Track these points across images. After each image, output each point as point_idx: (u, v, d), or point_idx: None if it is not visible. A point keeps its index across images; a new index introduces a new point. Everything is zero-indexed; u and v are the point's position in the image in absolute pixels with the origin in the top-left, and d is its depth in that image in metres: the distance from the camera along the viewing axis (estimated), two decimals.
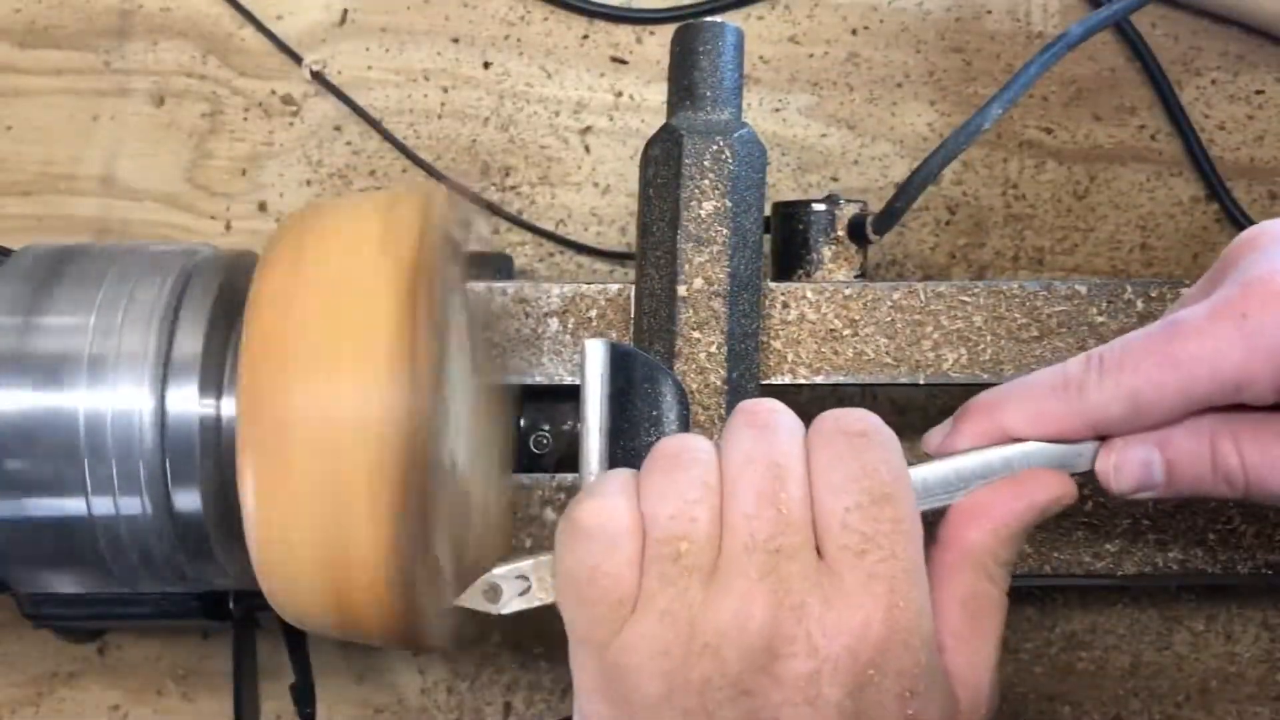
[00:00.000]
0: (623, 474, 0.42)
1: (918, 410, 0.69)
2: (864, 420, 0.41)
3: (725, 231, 0.54)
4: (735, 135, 0.54)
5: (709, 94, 0.55)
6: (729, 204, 0.54)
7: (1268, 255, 0.42)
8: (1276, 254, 0.42)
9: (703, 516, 0.39)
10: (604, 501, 0.40)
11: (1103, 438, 0.44)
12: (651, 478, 0.41)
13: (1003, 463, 0.44)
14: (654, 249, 0.54)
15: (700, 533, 0.39)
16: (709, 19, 0.56)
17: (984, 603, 0.42)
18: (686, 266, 0.54)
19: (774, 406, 0.42)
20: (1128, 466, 0.43)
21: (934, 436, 0.45)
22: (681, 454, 0.41)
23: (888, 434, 0.41)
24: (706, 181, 0.54)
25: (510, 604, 0.44)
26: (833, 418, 0.42)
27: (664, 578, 0.39)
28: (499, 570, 0.44)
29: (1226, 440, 0.42)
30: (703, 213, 0.54)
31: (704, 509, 0.40)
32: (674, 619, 0.39)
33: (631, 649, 0.39)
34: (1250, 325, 0.41)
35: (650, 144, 0.55)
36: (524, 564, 0.44)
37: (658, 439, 0.47)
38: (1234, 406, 0.42)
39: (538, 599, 0.44)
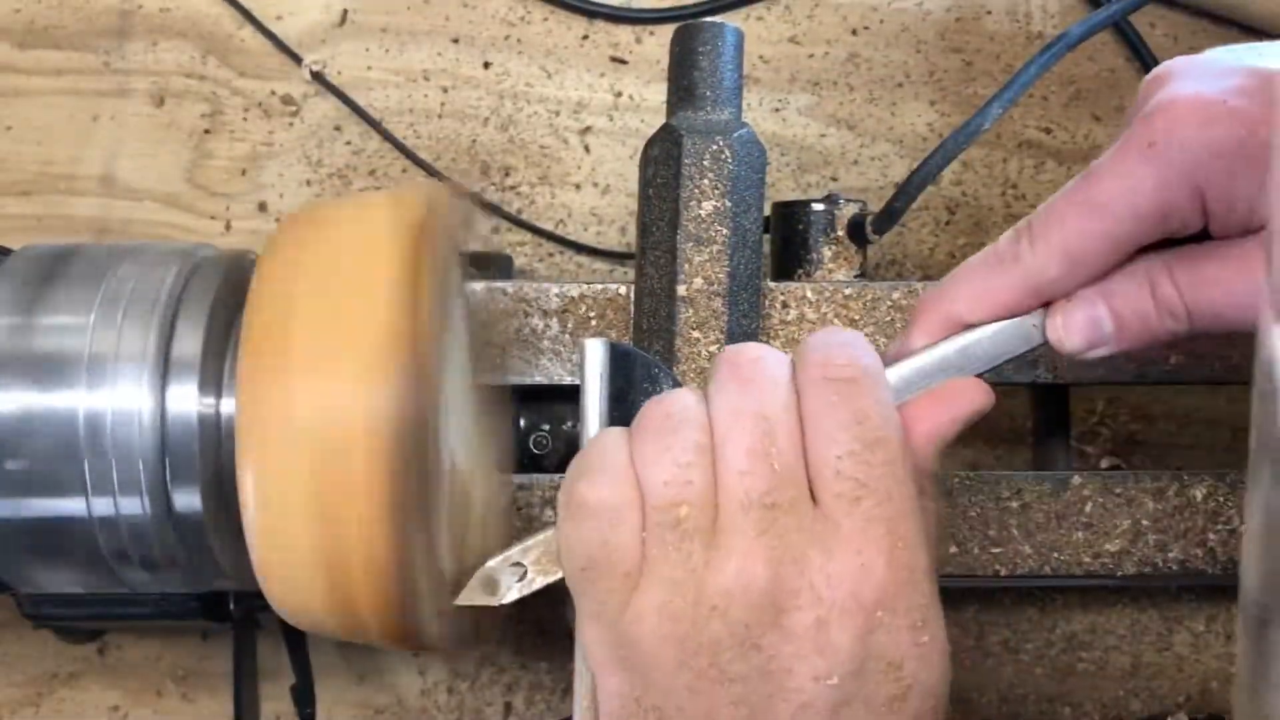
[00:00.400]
0: (614, 438, 0.42)
1: None
2: (853, 362, 0.41)
3: (725, 231, 0.54)
4: (735, 135, 0.54)
5: (709, 94, 0.55)
6: (729, 204, 0.54)
7: (1168, 87, 0.43)
8: (1176, 84, 0.43)
9: (697, 479, 0.40)
10: (602, 477, 0.40)
11: (1049, 305, 0.44)
12: (644, 443, 0.41)
13: (958, 353, 0.44)
14: (654, 249, 0.54)
15: (696, 495, 0.39)
16: (709, 19, 0.56)
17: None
18: (686, 266, 0.54)
19: (757, 355, 0.42)
20: (1075, 325, 0.43)
21: (891, 345, 0.46)
22: (670, 414, 0.41)
23: (875, 371, 0.41)
24: (706, 181, 0.54)
25: (510, 593, 0.44)
26: (819, 364, 0.41)
27: (666, 545, 0.39)
28: (493, 562, 0.44)
29: (1162, 274, 0.42)
30: (702, 212, 0.54)
31: (698, 471, 0.40)
32: (679, 585, 0.39)
33: (642, 619, 0.40)
34: (1157, 151, 0.41)
35: (650, 144, 0.55)
36: (514, 551, 0.44)
37: None
38: (1167, 243, 0.43)
39: (536, 583, 0.44)
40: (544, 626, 0.67)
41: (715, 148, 0.54)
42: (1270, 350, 0.30)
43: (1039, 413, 0.61)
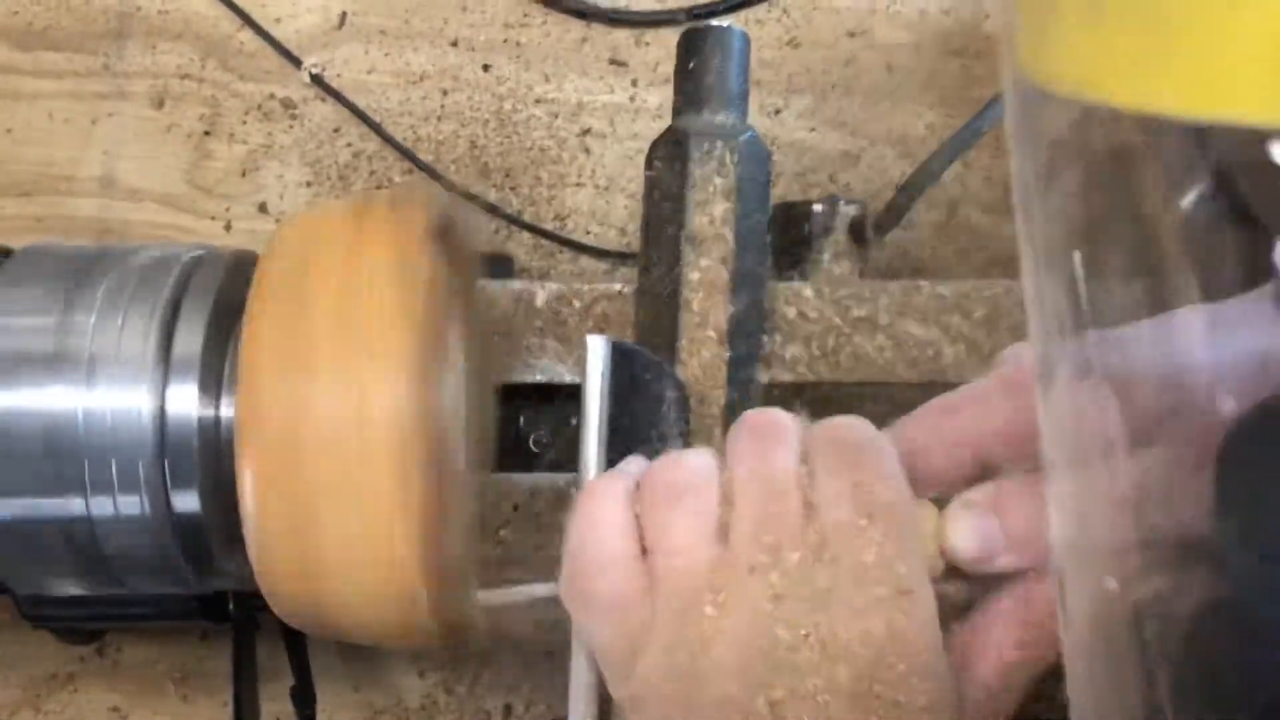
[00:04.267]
0: (612, 515, 0.41)
1: None
2: (859, 432, 0.41)
3: (729, 233, 0.54)
4: (741, 138, 0.54)
5: (714, 97, 0.55)
6: (734, 206, 0.54)
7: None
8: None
9: (705, 546, 0.40)
10: (609, 570, 0.41)
11: None
12: (654, 506, 0.41)
13: None
14: (658, 249, 0.54)
15: (702, 562, 0.40)
16: (715, 23, 0.56)
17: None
18: (690, 268, 0.54)
19: (774, 419, 0.42)
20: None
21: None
22: (681, 478, 0.41)
23: (881, 442, 0.41)
24: (712, 184, 0.54)
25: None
26: (829, 429, 0.42)
27: (671, 610, 0.40)
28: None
29: None
30: (707, 215, 0.54)
31: (706, 539, 0.40)
32: (683, 650, 0.39)
33: (648, 680, 0.40)
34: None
35: (655, 146, 0.55)
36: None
37: (658, 438, 0.48)
38: None
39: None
40: (544, 628, 0.67)
41: (721, 150, 0.54)
42: None
43: None
